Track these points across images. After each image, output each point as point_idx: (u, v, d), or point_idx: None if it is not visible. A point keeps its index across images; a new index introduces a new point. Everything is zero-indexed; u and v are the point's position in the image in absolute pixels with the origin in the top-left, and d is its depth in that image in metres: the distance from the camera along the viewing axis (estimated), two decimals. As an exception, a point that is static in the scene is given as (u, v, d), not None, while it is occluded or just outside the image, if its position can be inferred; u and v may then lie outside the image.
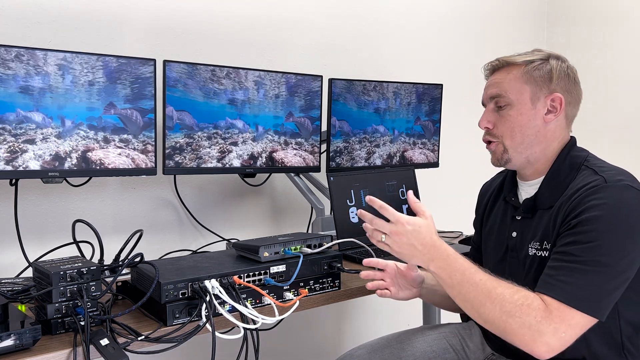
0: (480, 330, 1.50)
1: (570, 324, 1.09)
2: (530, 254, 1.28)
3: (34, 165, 1.51)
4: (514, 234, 1.35)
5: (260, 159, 1.91)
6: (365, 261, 1.43)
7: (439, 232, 1.21)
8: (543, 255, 1.25)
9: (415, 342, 1.51)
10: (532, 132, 1.29)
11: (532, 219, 1.31)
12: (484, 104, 1.38)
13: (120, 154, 1.63)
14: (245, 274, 1.32)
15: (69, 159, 1.55)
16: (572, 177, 1.26)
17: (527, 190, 1.36)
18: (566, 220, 1.19)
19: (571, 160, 1.29)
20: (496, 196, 1.47)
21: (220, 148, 1.82)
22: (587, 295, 1.10)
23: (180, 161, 1.75)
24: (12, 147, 1.47)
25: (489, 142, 1.36)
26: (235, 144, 1.85)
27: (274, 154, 1.95)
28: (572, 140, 1.34)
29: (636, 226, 1.14)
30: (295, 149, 2.00)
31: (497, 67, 1.35)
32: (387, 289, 1.39)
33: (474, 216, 1.56)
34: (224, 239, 2.03)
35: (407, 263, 1.35)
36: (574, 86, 1.32)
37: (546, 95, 1.29)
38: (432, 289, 1.42)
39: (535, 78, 1.29)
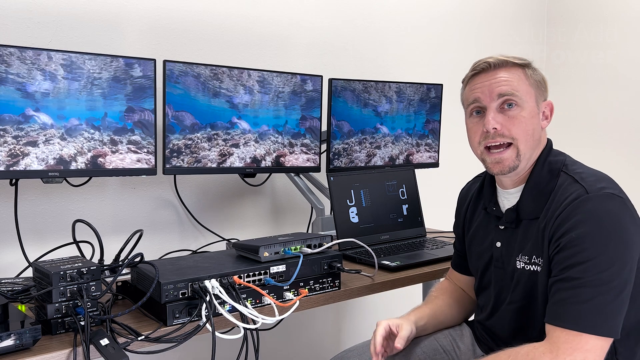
0: (470, 332, 1.49)
1: (586, 349, 1.07)
2: (519, 267, 1.26)
3: (35, 166, 1.51)
4: (499, 244, 1.33)
5: (264, 161, 1.91)
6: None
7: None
8: (533, 269, 1.23)
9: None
10: (537, 137, 1.26)
11: (517, 229, 1.28)
12: (480, 102, 1.26)
13: (138, 160, 1.65)
14: (245, 274, 1.32)
15: (74, 162, 1.55)
16: (553, 185, 1.22)
17: (508, 198, 1.32)
18: (554, 238, 1.16)
19: (550, 166, 1.25)
20: (476, 201, 1.44)
21: (220, 150, 1.82)
22: (596, 317, 1.08)
23: (179, 163, 1.75)
24: (12, 151, 1.47)
25: (497, 146, 1.24)
26: (236, 145, 1.85)
27: (279, 156, 1.95)
28: (549, 143, 1.30)
29: (626, 234, 1.12)
30: (302, 150, 2.00)
31: (496, 65, 1.24)
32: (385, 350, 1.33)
33: (454, 221, 1.54)
34: (224, 239, 2.03)
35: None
36: None
37: (543, 101, 1.28)
38: (423, 328, 1.40)
39: (536, 82, 1.26)
